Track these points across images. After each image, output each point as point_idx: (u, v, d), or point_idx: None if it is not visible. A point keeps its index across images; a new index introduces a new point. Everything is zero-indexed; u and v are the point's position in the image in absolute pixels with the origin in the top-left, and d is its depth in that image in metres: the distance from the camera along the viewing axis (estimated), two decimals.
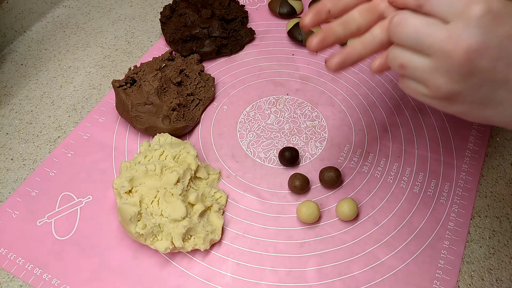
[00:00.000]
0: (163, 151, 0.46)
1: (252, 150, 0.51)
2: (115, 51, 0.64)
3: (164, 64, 0.54)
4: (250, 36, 0.62)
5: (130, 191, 0.43)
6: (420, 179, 0.48)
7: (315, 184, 0.48)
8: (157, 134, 0.49)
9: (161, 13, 0.62)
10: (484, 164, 0.50)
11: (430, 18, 0.28)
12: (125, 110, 0.51)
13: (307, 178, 0.47)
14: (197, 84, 0.55)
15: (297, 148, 0.50)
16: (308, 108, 0.55)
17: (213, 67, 0.60)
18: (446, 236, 0.44)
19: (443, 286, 0.41)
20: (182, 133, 0.52)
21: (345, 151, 0.51)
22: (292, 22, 0.62)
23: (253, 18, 0.66)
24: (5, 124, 0.55)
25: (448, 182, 0.48)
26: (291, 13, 0.65)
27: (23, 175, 0.50)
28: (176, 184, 0.43)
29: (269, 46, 0.62)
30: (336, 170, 0.47)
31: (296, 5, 0.65)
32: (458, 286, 0.41)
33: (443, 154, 0.50)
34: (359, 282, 0.42)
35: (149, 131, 0.51)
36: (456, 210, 0.46)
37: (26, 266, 0.43)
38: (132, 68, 0.54)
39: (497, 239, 0.44)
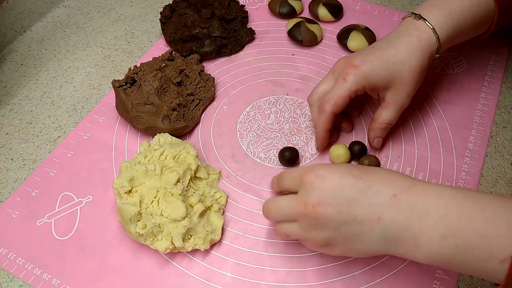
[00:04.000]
0: (163, 151, 0.46)
1: (252, 150, 0.51)
2: (115, 51, 0.64)
3: (164, 64, 0.54)
4: (250, 36, 0.62)
5: (130, 191, 0.43)
6: (420, 179, 0.48)
7: None
8: (157, 134, 0.49)
9: (161, 13, 0.62)
10: (484, 164, 0.50)
11: (288, 195, 0.39)
12: (125, 110, 0.51)
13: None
14: (197, 84, 0.55)
15: (297, 148, 0.50)
16: (308, 108, 0.55)
17: (213, 67, 0.60)
18: None
19: (443, 286, 0.41)
20: (182, 133, 0.52)
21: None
22: (292, 22, 0.62)
23: (253, 18, 0.66)
24: (5, 124, 0.55)
25: (448, 182, 0.48)
26: (291, 13, 0.65)
27: (23, 175, 0.50)
28: (176, 184, 0.43)
29: (269, 46, 0.62)
30: (375, 158, 0.48)
31: (296, 5, 0.65)
32: (458, 286, 0.41)
33: (443, 154, 0.50)
34: (359, 282, 0.42)
35: (149, 131, 0.51)
36: None
37: (26, 266, 0.43)
38: (132, 68, 0.54)
39: None
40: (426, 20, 0.45)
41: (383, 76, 0.45)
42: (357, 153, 0.49)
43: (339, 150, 0.48)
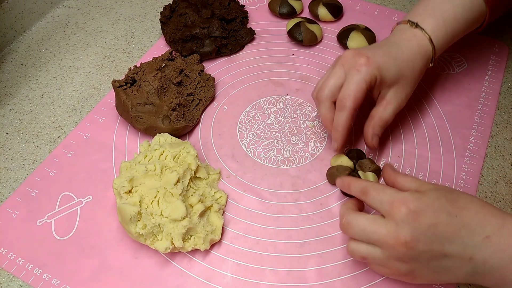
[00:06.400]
0: (163, 151, 0.46)
1: (252, 150, 0.51)
2: (115, 51, 0.64)
3: (164, 64, 0.54)
4: (250, 36, 0.62)
5: (130, 191, 0.43)
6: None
7: (318, 183, 0.48)
8: (157, 134, 0.49)
9: (161, 13, 0.62)
10: (484, 164, 0.50)
11: (372, 215, 0.36)
12: (125, 110, 0.51)
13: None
14: (197, 84, 0.55)
15: (297, 148, 0.50)
16: (308, 108, 0.55)
17: (213, 67, 0.60)
18: None
19: (443, 286, 0.41)
20: (182, 133, 0.52)
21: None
22: (292, 22, 0.62)
23: (253, 18, 0.66)
24: (5, 124, 0.55)
25: (448, 182, 0.48)
26: (291, 13, 0.65)
27: (23, 175, 0.50)
28: (176, 184, 0.43)
29: (269, 46, 0.62)
30: (375, 164, 0.47)
31: (296, 5, 0.65)
32: (458, 286, 0.41)
33: (443, 154, 0.50)
34: (359, 282, 0.42)
35: (149, 131, 0.51)
36: None
37: (26, 266, 0.43)
38: (132, 68, 0.54)
39: None
40: (424, 30, 0.46)
41: (393, 72, 0.44)
42: (356, 160, 0.48)
43: (341, 160, 0.47)
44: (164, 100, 0.52)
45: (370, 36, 0.60)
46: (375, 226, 0.35)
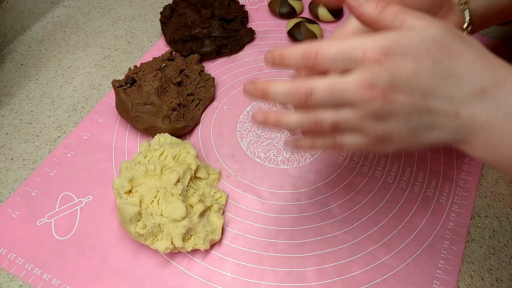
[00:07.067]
0: (163, 151, 0.46)
1: (252, 150, 0.51)
2: (115, 51, 0.64)
3: (164, 64, 0.54)
4: (250, 36, 0.62)
5: (130, 191, 0.43)
6: (420, 179, 0.48)
7: (318, 183, 0.48)
8: (157, 134, 0.49)
9: (161, 13, 0.62)
10: (484, 164, 0.50)
11: (335, 75, 0.29)
12: (125, 110, 0.51)
13: None
14: (197, 84, 0.55)
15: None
16: None
17: (213, 67, 0.60)
18: (446, 236, 0.44)
19: (443, 286, 0.41)
20: (182, 133, 0.52)
21: (345, 151, 0.51)
22: (292, 22, 0.62)
23: (253, 18, 0.66)
24: (5, 124, 0.55)
25: (448, 182, 0.48)
26: (291, 13, 0.65)
27: (23, 175, 0.50)
28: (176, 184, 0.43)
29: (269, 46, 0.62)
30: None
31: (296, 5, 0.65)
32: (458, 286, 0.41)
33: (443, 154, 0.50)
34: (359, 282, 0.42)
35: (149, 131, 0.51)
36: (456, 210, 0.46)
37: (26, 266, 0.43)
38: (132, 68, 0.54)
39: (497, 239, 0.44)
40: None
41: None
42: None
43: None
44: (164, 100, 0.52)
45: None
46: (344, 82, 0.29)
